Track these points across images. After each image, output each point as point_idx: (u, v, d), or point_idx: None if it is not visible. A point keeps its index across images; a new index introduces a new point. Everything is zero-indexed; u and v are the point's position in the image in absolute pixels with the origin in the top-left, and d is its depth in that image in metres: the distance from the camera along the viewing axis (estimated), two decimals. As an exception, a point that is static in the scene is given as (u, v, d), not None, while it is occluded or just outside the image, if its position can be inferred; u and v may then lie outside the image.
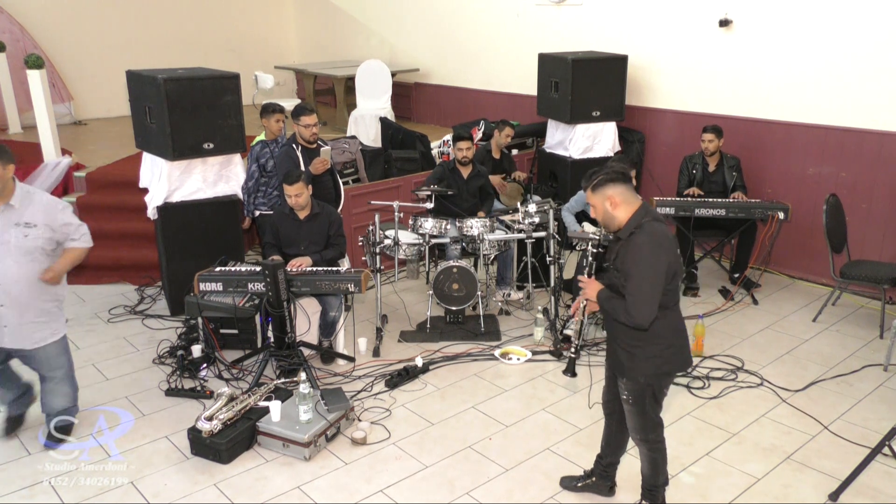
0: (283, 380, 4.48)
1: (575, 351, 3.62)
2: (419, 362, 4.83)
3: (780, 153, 6.32)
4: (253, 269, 4.72)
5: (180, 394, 4.52)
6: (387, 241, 5.31)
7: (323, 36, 11.20)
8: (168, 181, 5.38)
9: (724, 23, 6.42)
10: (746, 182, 6.12)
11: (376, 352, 5.07)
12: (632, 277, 2.92)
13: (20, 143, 7.94)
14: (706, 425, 4.19)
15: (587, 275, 3.29)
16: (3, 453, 3.95)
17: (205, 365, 4.79)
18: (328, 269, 4.66)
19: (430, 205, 5.59)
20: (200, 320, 4.93)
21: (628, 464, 3.61)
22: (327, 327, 4.98)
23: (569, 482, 3.64)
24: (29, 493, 3.64)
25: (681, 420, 4.24)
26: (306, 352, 4.74)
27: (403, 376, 4.69)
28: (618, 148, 7.06)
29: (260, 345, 4.97)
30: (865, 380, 4.69)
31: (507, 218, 5.72)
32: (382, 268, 5.65)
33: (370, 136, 8.32)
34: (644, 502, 3.36)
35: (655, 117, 7.20)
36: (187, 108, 5.16)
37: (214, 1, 10.68)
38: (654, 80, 7.12)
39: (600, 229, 3.43)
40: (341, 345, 5.02)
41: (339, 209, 5.38)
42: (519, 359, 4.99)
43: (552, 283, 5.40)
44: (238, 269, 4.78)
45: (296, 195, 4.66)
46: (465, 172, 5.87)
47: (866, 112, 5.75)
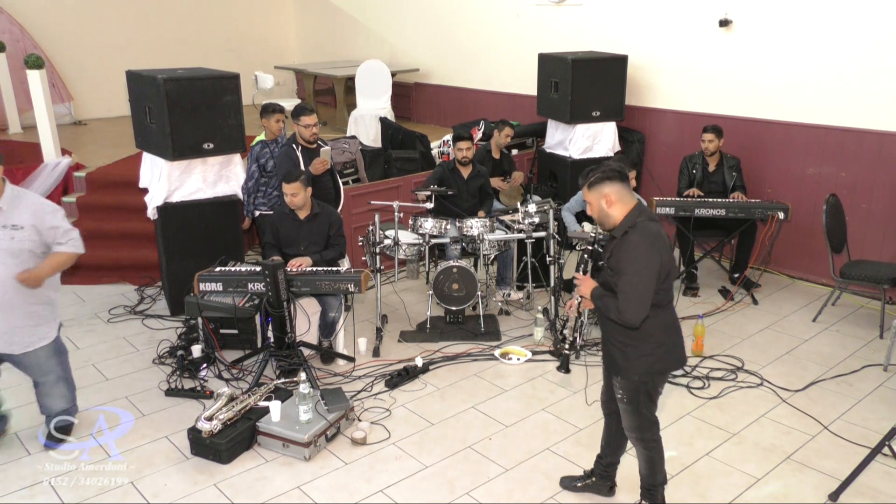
0: (283, 380, 4.48)
1: (569, 347, 3.62)
2: (419, 362, 4.83)
3: (780, 153, 6.32)
4: (253, 269, 4.72)
5: (180, 394, 4.52)
6: (387, 241, 5.31)
7: (323, 36, 11.20)
8: (168, 181, 5.38)
9: (724, 23, 6.42)
10: (746, 182, 6.12)
11: (376, 352, 5.07)
12: (624, 276, 2.93)
13: (20, 143, 7.94)
14: (706, 425, 4.19)
15: (582, 272, 3.30)
16: (3, 453, 3.94)
17: (205, 365, 4.79)
18: (328, 269, 4.66)
19: (430, 205, 5.59)
20: (200, 320, 4.93)
21: (628, 464, 3.61)
22: (327, 327, 4.98)
23: (569, 482, 3.64)
24: (29, 493, 3.64)
25: (681, 420, 4.24)
26: (306, 352, 4.74)
27: (403, 376, 4.69)
28: (618, 148, 7.06)
29: (260, 345, 4.97)
30: (865, 380, 4.69)
31: (507, 218, 5.73)
32: (382, 268, 5.65)
33: (370, 136, 8.31)
34: (644, 502, 3.36)
35: (655, 117, 7.20)
36: (187, 108, 5.15)
37: (214, 1, 10.68)
38: (654, 80, 7.12)
39: (595, 227, 3.43)
40: (341, 345, 5.02)
41: (338, 209, 5.37)
42: (519, 359, 4.99)
43: (552, 283, 5.40)
44: (238, 269, 4.78)
45: (292, 194, 4.66)
46: (465, 172, 5.88)
47: (866, 112, 5.75)
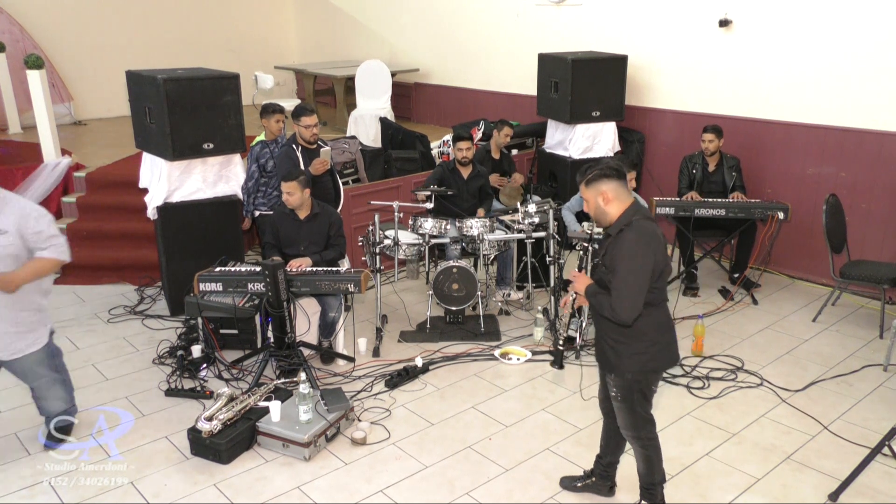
0: (282, 380, 4.48)
1: (563, 343, 3.62)
2: (419, 362, 4.83)
3: (780, 153, 6.32)
4: (253, 269, 4.72)
5: (180, 394, 4.52)
6: (387, 242, 5.30)
7: (323, 36, 11.20)
8: (168, 181, 5.38)
9: (724, 23, 6.42)
10: (746, 182, 6.12)
11: (376, 352, 5.07)
12: (618, 273, 2.95)
13: (20, 143, 7.95)
14: (706, 425, 4.19)
15: (578, 269, 3.32)
16: (3, 453, 3.94)
17: (205, 365, 4.79)
18: (328, 269, 4.66)
19: (429, 205, 5.59)
20: (200, 320, 4.93)
21: (628, 464, 3.60)
22: (327, 327, 4.98)
23: (569, 482, 3.64)
24: (29, 493, 3.64)
25: (681, 420, 4.24)
26: (306, 352, 4.74)
27: (403, 376, 4.69)
28: (617, 148, 7.06)
29: (260, 345, 4.97)
30: (865, 380, 4.69)
31: (506, 218, 5.73)
32: (382, 268, 5.65)
33: (370, 136, 8.32)
34: (643, 502, 3.36)
35: (655, 117, 7.20)
36: (187, 109, 5.15)
37: (214, 1, 10.68)
38: (653, 80, 7.12)
39: (591, 224, 3.45)
40: (341, 345, 5.02)
41: (338, 209, 5.38)
42: (519, 359, 4.99)
43: (552, 283, 5.40)
44: (238, 269, 4.78)
45: (288, 193, 4.67)
46: (464, 173, 5.88)
47: (866, 112, 5.75)
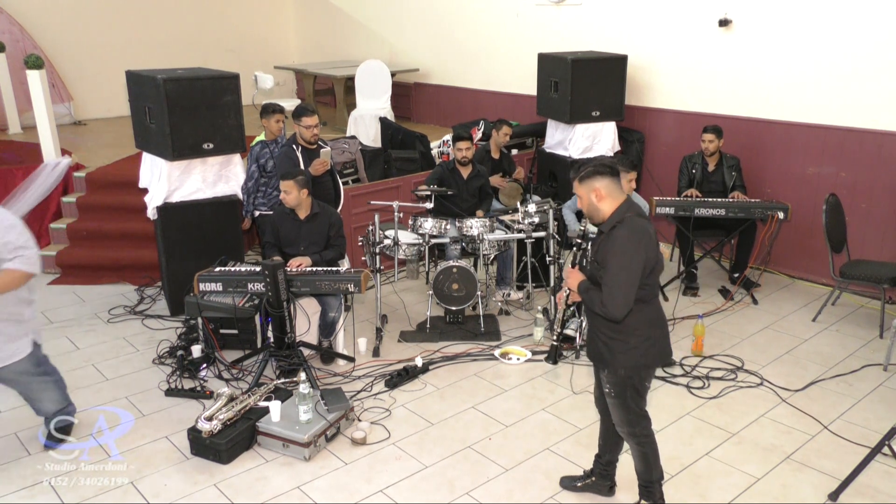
0: (282, 380, 4.48)
1: (557, 339, 3.62)
2: (419, 362, 4.83)
3: (780, 153, 6.32)
4: (253, 269, 4.72)
5: (180, 394, 4.52)
6: (386, 241, 5.30)
7: (323, 36, 11.20)
8: (168, 181, 5.38)
9: (724, 23, 6.42)
10: (746, 182, 6.12)
11: (376, 352, 5.07)
12: (609, 269, 2.97)
13: (20, 143, 7.94)
14: (706, 425, 4.19)
15: (572, 265, 3.33)
16: (3, 453, 3.95)
17: (205, 365, 4.79)
18: (328, 269, 4.66)
19: (429, 205, 5.59)
20: (200, 320, 4.93)
21: (627, 463, 3.60)
22: (327, 327, 4.98)
23: (569, 482, 3.64)
24: (29, 493, 3.64)
25: (681, 420, 4.24)
26: (306, 352, 4.74)
27: (403, 376, 4.69)
28: (617, 148, 7.06)
29: (260, 345, 4.97)
30: (865, 380, 4.69)
31: (506, 218, 5.73)
32: (382, 268, 5.65)
33: (370, 136, 8.31)
34: (643, 502, 3.36)
35: (655, 117, 7.20)
36: (187, 109, 5.15)
37: (214, 1, 10.67)
38: (653, 80, 7.12)
39: (585, 220, 3.45)
40: (341, 345, 5.02)
41: (338, 209, 5.38)
42: (519, 359, 4.99)
43: (552, 283, 5.40)
44: (238, 269, 4.78)
45: (284, 191, 4.68)
46: (464, 172, 5.87)
47: (866, 112, 5.75)
